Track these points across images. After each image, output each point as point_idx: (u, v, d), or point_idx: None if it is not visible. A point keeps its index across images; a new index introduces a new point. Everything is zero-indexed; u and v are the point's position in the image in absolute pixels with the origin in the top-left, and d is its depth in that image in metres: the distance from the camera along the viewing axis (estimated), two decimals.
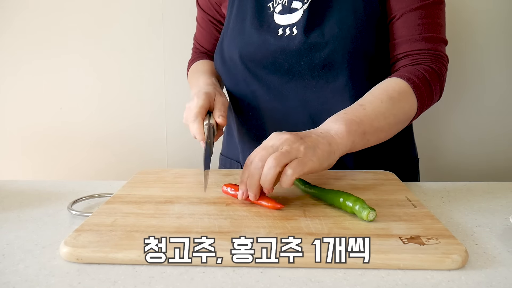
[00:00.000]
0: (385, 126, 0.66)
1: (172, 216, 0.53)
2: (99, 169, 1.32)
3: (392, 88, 0.68)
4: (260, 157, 0.55)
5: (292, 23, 0.76)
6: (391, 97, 0.67)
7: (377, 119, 0.64)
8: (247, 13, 0.80)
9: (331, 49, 0.73)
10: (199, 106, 0.71)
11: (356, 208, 0.52)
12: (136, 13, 1.23)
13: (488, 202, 0.65)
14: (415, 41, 0.73)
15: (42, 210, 0.60)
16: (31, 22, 1.23)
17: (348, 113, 0.63)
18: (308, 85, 0.76)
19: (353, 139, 0.61)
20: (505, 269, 0.44)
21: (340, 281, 0.41)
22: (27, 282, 0.41)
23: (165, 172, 0.73)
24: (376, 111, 0.65)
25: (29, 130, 1.30)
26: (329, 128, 0.61)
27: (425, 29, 0.72)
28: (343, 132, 0.60)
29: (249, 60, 0.78)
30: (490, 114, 1.25)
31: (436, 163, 1.27)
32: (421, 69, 0.71)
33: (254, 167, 0.55)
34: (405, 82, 0.69)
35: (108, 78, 1.27)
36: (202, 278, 0.41)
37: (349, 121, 0.62)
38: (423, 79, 0.70)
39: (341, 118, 0.62)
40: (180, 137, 1.31)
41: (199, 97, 0.72)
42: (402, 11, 0.73)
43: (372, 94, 0.68)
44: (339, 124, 0.61)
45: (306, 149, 0.55)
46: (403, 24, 0.73)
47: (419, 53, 0.73)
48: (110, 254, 0.44)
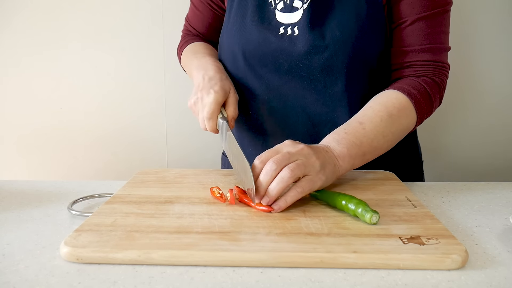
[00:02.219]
0: (383, 144, 0.68)
1: (172, 216, 0.53)
2: (99, 169, 1.32)
3: (392, 104, 0.69)
4: (276, 160, 0.56)
5: (293, 23, 0.75)
6: (391, 115, 0.68)
7: (376, 139, 0.66)
8: (248, 8, 0.78)
9: (330, 53, 0.72)
10: (217, 103, 0.70)
11: (359, 211, 0.51)
12: (136, 13, 1.23)
13: (488, 202, 0.65)
14: (422, 52, 0.73)
15: (42, 210, 0.60)
16: (31, 22, 1.23)
17: (349, 133, 0.65)
18: (307, 87, 0.76)
19: (353, 162, 0.64)
20: (505, 269, 0.44)
21: (340, 281, 0.41)
22: (27, 282, 0.41)
23: (165, 172, 0.73)
24: (375, 131, 0.66)
25: (29, 130, 1.30)
26: (333, 148, 0.63)
27: (433, 39, 0.72)
28: (345, 155, 0.63)
29: (249, 57, 0.78)
30: (490, 114, 1.25)
31: (436, 163, 1.27)
32: (423, 82, 0.72)
33: (270, 168, 0.55)
34: (406, 98, 0.70)
35: (108, 78, 1.27)
36: (202, 278, 0.41)
37: (351, 144, 0.64)
38: (425, 93, 0.71)
39: (343, 139, 0.64)
40: (180, 137, 1.31)
41: (217, 92, 0.70)
42: (412, 18, 0.72)
43: (372, 109, 0.69)
44: (342, 146, 0.63)
45: (320, 167, 0.58)
46: (411, 32, 0.73)
47: (424, 64, 0.73)
48: (110, 254, 0.44)
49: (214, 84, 0.72)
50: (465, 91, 1.23)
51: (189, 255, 0.43)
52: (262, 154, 0.58)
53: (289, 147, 0.59)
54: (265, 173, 0.55)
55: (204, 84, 0.73)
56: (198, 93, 0.72)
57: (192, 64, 0.83)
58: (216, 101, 0.70)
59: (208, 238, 0.47)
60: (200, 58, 0.82)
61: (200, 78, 0.75)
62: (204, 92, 0.71)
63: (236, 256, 0.43)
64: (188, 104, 0.74)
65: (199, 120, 0.72)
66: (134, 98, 1.28)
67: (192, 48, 0.88)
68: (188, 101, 0.74)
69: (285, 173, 0.54)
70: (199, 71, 0.77)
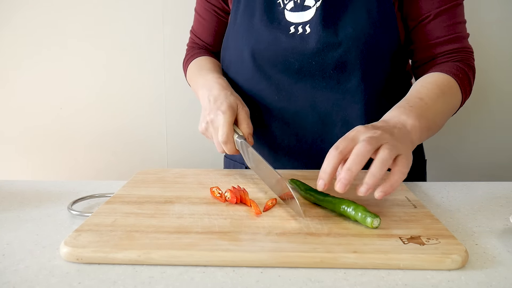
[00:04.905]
0: (441, 121, 0.68)
1: (172, 216, 0.53)
2: (99, 169, 1.33)
3: (442, 83, 0.69)
4: (368, 140, 0.50)
5: (305, 21, 0.74)
6: (444, 93, 0.68)
7: (437, 116, 0.66)
8: (256, 9, 0.78)
9: (344, 50, 0.73)
10: (228, 124, 0.67)
11: (359, 216, 0.50)
12: (136, 13, 1.23)
13: (488, 202, 0.65)
14: (449, 42, 0.75)
15: (42, 210, 0.60)
16: (31, 22, 1.23)
17: (415, 107, 0.62)
18: (318, 86, 0.76)
19: (421, 137, 0.60)
20: (505, 269, 0.44)
21: (340, 281, 0.41)
22: (27, 282, 0.41)
23: (165, 172, 0.73)
24: (436, 107, 0.65)
25: (29, 130, 1.31)
26: (404, 121, 0.59)
27: (456, 29, 0.75)
28: (417, 128, 0.59)
29: (258, 58, 0.77)
30: (490, 114, 1.25)
31: (436, 163, 1.27)
32: (461, 64, 0.73)
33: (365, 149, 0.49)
34: (451, 78, 0.70)
35: (108, 78, 1.27)
36: (202, 278, 0.41)
37: (419, 116, 0.60)
38: (464, 74, 0.72)
39: (411, 112, 0.60)
40: (180, 137, 1.31)
41: (225, 113, 0.68)
42: (434, 12, 0.73)
43: (425, 88, 0.68)
44: (412, 119, 0.59)
45: (404, 145, 0.53)
46: (435, 26, 0.74)
47: (454, 52, 0.75)
48: (110, 254, 0.44)
49: (220, 104, 0.70)
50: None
51: (189, 255, 0.43)
52: (338, 143, 0.52)
53: (366, 133, 0.52)
54: (357, 157, 0.49)
55: (211, 106, 0.71)
56: (207, 117, 0.70)
57: (197, 83, 0.81)
58: (227, 122, 0.67)
59: (208, 238, 0.47)
60: (205, 75, 0.80)
61: (206, 100, 0.73)
62: (212, 115, 0.69)
63: (236, 256, 0.43)
64: (199, 129, 0.72)
65: (215, 144, 0.70)
66: (134, 98, 1.28)
67: (197, 63, 0.87)
68: (199, 127, 0.72)
69: (384, 154, 0.49)
70: (203, 92, 0.76)
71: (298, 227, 0.50)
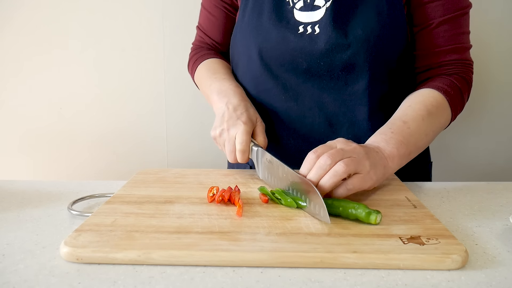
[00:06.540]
0: (426, 143, 0.69)
1: (172, 216, 0.53)
2: (99, 169, 1.33)
3: (430, 102, 0.70)
4: (330, 155, 0.55)
5: (314, 21, 0.74)
6: (431, 113, 0.68)
7: (420, 139, 0.67)
8: (264, 6, 0.77)
9: (353, 51, 0.72)
10: (247, 134, 0.68)
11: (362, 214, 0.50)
12: (136, 13, 1.23)
13: (488, 202, 0.65)
14: (450, 52, 0.75)
15: (42, 210, 0.60)
16: (31, 22, 1.24)
17: (395, 133, 0.64)
18: (326, 86, 0.75)
19: (401, 162, 0.64)
20: (505, 269, 0.44)
21: (340, 281, 0.41)
22: (27, 282, 0.41)
23: (165, 172, 0.73)
24: (419, 130, 0.66)
25: (29, 130, 1.31)
26: (383, 148, 0.62)
27: (458, 40, 0.75)
28: (394, 156, 0.62)
29: (266, 57, 0.76)
30: (491, 114, 1.25)
31: (436, 163, 1.27)
32: (455, 79, 0.73)
33: (324, 162, 0.55)
34: (441, 95, 0.71)
35: (108, 78, 1.27)
36: (202, 278, 0.41)
37: (399, 143, 0.63)
38: (457, 90, 0.72)
39: (391, 139, 0.63)
40: (180, 137, 1.31)
41: (246, 124, 0.68)
42: (437, 20, 0.73)
43: (412, 108, 0.69)
44: (391, 147, 0.62)
45: (370, 167, 0.57)
46: (437, 34, 0.74)
47: (453, 63, 0.75)
48: (110, 254, 0.44)
49: (241, 114, 0.70)
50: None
51: (189, 255, 0.43)
52: (317, 148, 0.58)
53: (342, 144, 0.59)
54: (319, 167, 0.55)
55: (230, 114, 0.70)
56: (224, 124, 0.70)
57: (211, 87, 0.80)
58: (246, 131, 0.68)
59: (208, 238, 0.47)
60: (220, 80, 0.79)
61: (223, 107, 0.72)
62: (230, 123, 0.69)
63: (236, 256, 0.43)
64: (212, 134, 0.72)
65: (226, 151, 0.70)
66: (134, 98, 1.28)
67: (209, 66, 0.85)
68: (212, 131, 0.72)
69: (339, 167, 0.54)
70: (221, 98, 0.75)
71: (298, 227, 0.50)
